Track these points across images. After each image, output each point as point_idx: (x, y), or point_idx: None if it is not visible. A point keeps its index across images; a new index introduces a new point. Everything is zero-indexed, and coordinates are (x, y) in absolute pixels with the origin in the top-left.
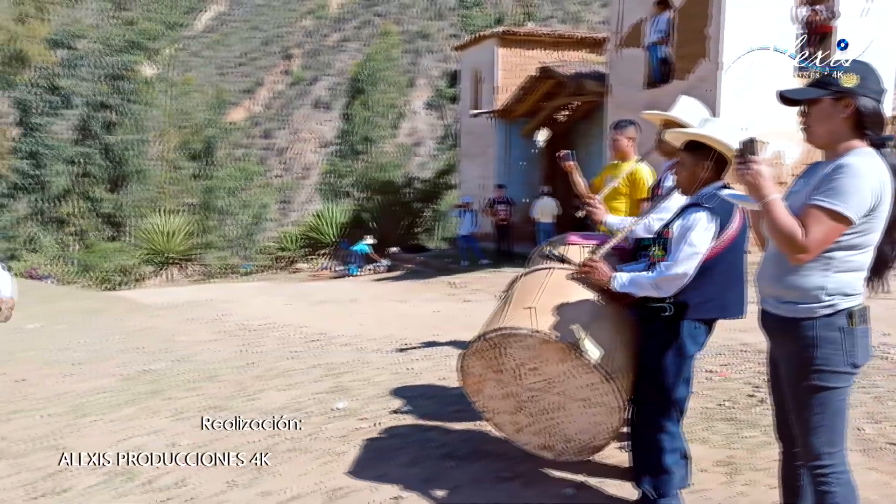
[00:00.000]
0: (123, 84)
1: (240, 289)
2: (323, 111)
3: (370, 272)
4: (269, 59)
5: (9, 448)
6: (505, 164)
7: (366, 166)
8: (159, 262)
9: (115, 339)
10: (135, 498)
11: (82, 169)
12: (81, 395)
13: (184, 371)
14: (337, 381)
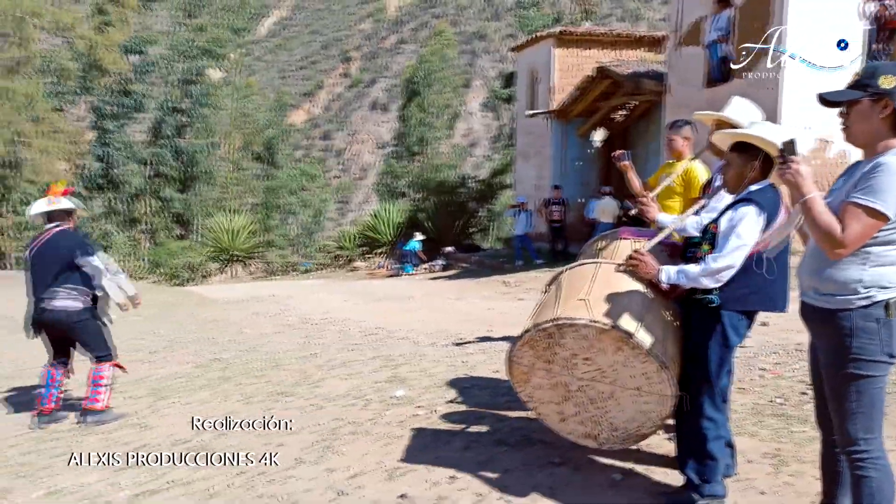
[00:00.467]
0: (194, 88)
1: (300, 286)
2: (380, 113)
3: (425, 271)
4: (329, 63)
5: (97, 427)
6: (561, 164)
7: (421, 167)
8: (224, 259)
9: (187, 330)
10: (212, 471)
11: (154, 170)
12: (160, 380)
13: (251, 360)
14: (394, 371)
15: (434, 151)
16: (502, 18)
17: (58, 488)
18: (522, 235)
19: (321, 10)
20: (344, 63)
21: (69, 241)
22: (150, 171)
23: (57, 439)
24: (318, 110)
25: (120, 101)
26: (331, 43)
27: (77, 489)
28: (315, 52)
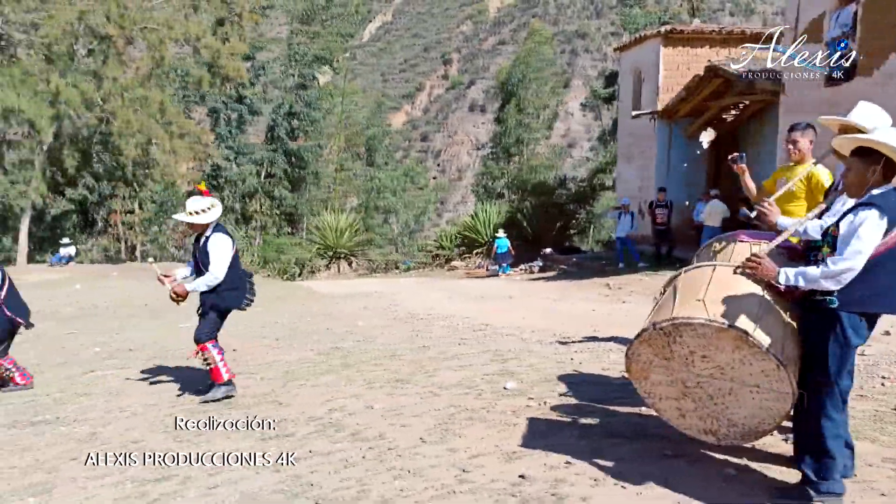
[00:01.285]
0: (305, 93)
1: (402, 283)
2: (478, 114)
3: (523, 272)
4: (429, 65)
5: (238, 402)
6: (666, 165)
7: (519, 168)
8: (330, 256)
9: (305, 320)
10: (346, 444)
11: (267, 170)
12: (288, 364)
13: (368, 350)
14: (504, 365)
15: (532, 152)
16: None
17: (217, 451)
18: (625, 238)
19: (423, 13)
20: (443, 65)
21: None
22: (264, 172)
23: (207, 410)
24: (417, 112)
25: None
26: (431, 46)
27: (230, 454)
28: (416, 54)
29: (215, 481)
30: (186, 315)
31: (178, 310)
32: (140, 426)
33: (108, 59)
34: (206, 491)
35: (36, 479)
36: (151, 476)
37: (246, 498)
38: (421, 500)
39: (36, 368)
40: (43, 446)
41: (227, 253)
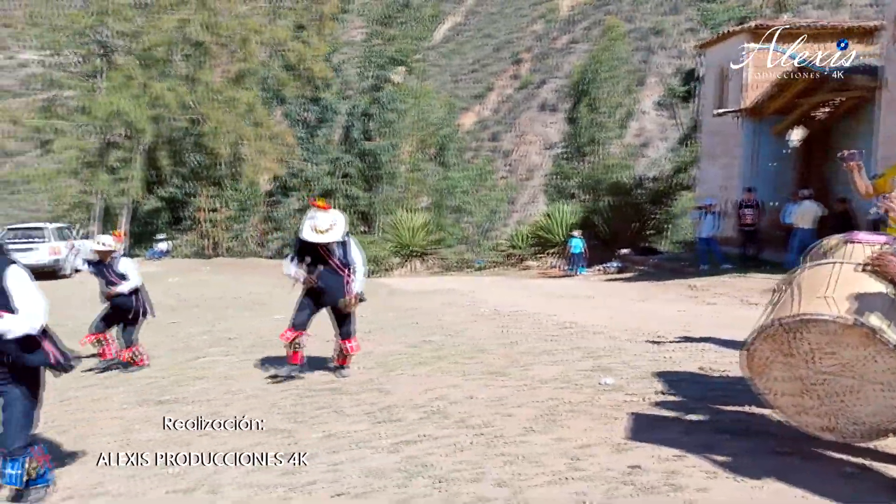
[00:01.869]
0: (380, 94)
1: (477, 281)
2: (549, 113)
3: (599, 272)
4: (500, 65)
5: (344, 388)
6: (752, 164)
7: (592, 167)
8: (405, 254)
9: (390, 315)
10: (454, 430)
11: (343, 171)
12: (382, 356)
13: (458, 344)
14: (597, 362)
15: (605, 151)
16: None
17: (332, 432)
18: (708, 238)
19: (494, 13)
20: (514, 65)
21: None
22: (339, 172)
23: (315, 395)
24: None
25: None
26: (502, 45)
27: (346, 434)
28: (487, 55)
29: (338, 459)
30: (282, 307)
31: (271, 302)
32: (258, 407)
33: (202, 64)
34: (329, 467)
35: (172, 451)
36: (278, 452)
37: (369, 474)
38: (536, 484)
39: (152, 353)
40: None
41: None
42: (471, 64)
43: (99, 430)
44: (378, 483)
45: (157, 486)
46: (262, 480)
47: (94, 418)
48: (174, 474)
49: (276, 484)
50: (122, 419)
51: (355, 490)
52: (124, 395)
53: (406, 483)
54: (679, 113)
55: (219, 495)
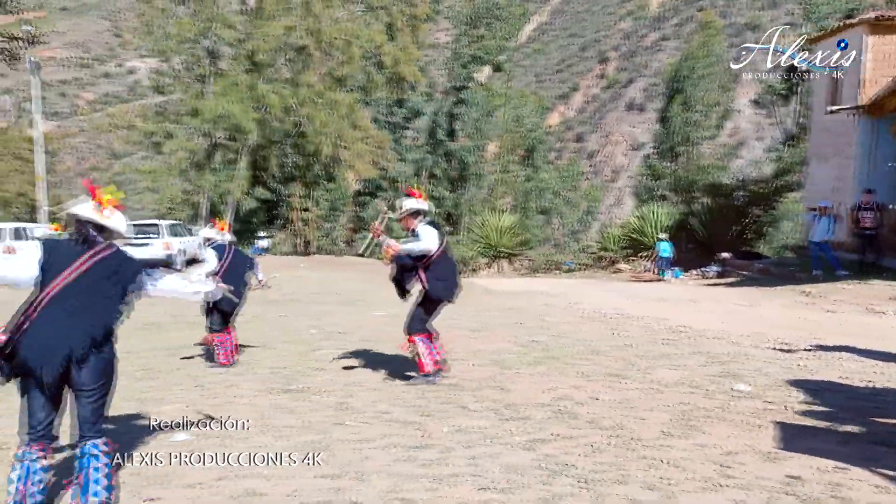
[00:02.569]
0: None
1: (568, 283)
2: (636, 113)
3: (697, 277)
4: (585, 64)
5: (463, 384)
6: (868, 165)
7: (685, 168)
8: (492, 255)
9: (491, 314)
10: (587, 431)
11: (429, 171)
12: (493, 353)
13: (568, 345)
14: (724, 367)
15: (698, 152)
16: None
17: (461, 427)
18: (820, 242)
19: (581, 12)
20: (601, 64)
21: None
22: (426, 172)
23: (436, 390)
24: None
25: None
26: (589, 45)
27: (476, 430)
28: (572, 54)
29: (473, 454)
30: (380, 304)
31: (371, 299)
32: (382, 399)
33: (304, 68)
34: (468, 461)
35: (310, 437)
36: (413, 444)
37: (509, 470)
38: (688, 490)
39: (267, 345)
40: (306, 411)
41: (434, 235)
42: (556, 64)
43: (238, 415)
44: (520, 479)
45: (303, 470)
46: (405, 470)
47: (231, 404)
48: (319, 459)
49: (420, 475)
50: (255, 406)
51: (498, 485)
52: (251, 383)
53: (549, 481)
54: (778, 111)
55: (366, 483)
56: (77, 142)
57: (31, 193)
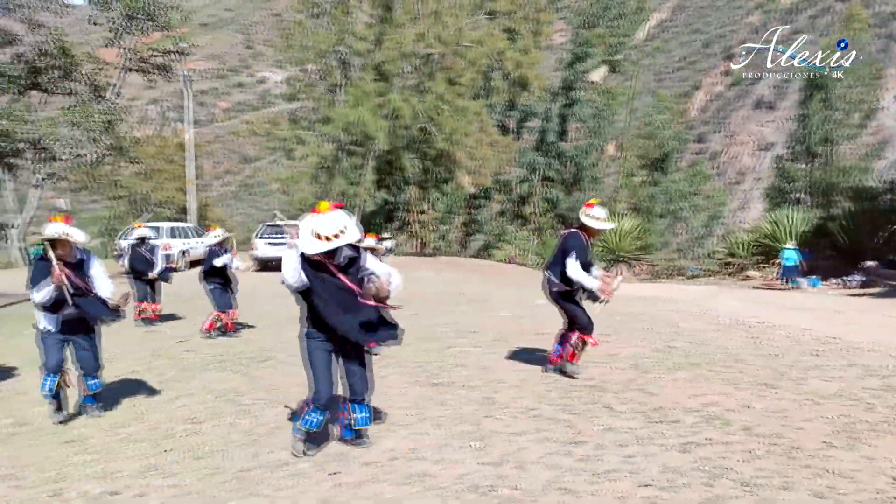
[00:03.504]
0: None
1: (693, 290)
2: (765, 111)
3: (838, 286)
4: (709, 61)
5: (604, 386)
6: None
7: (823, 170)
8: (611, 259)
9: (616, 319)
10: (742, 437)
11: (542, 174)
12: (629, 358)
13: (708, 352)
14: (885, 381)
15: (838, 153)
16: None
17: (610, 427)
18: None
19: (704, 7)
20: (725, 60)
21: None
22: (539, 175)
23: (579, 390)
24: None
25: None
26: (713, 40)
27: (626, 430)
28: (695, 51)
29: (628, 452)
30: (504, 305)
31: (495, 300)
32: (526, 396)
33: (432, 75)
34: (624, 459)
35: (465, 428)
36: (566, 439)
37: (667, 470)
38: (860, 500)
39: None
40: (456, 403)
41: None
42: (676, 62)
43: (393, 404)
44: (680, 480)
45: (466, 457)
46: (563, 463)
47: (384, 394)
48: (478, 448)
49: (577, 468)
50: (407, 396)
51: (658, 483)
52: (399, 375)
53: (710, 483)
54: None
55: (526, 472)
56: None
57: (181, 195)
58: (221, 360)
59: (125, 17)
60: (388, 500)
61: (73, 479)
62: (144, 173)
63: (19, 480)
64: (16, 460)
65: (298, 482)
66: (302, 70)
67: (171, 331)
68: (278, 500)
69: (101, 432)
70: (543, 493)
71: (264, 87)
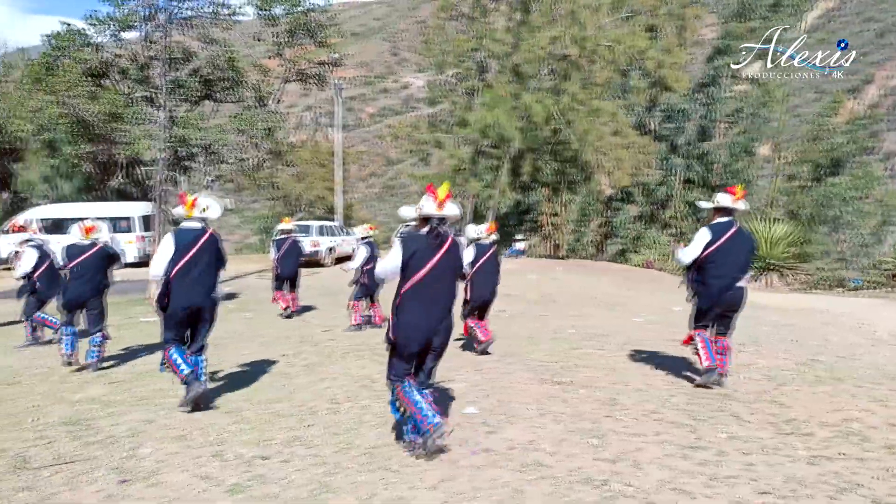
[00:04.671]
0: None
1: (854, 303)
2: None
3: None
4: (883, 52)
5: (734, 395)
6: None
7: None
8: (760, 267)
9: (761, 329)
10: (880, 455)
11: (682, 176)
12: (765, 369)
13: (857, 367)
14: None
15: None
16: None
17: (736, 435)
18: None
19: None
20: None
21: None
22: (679, 178)
23: (704, 397)
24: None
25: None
26: (889, 29)
27: (753, 439)
28: (865, 42)
29: (751, 461)
30: (640, 309)
31: (630, 304)
32: (650, 399)
33: (567, 76)
34: (745, 466)
35: (584, 425)
36: (687, 443)
37: (791, 481)
38: None
39: (532, 338)
40: (577, 402)
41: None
42: None
43: (516, 399)
44: (804, 491)
45: (583, 452)
46: (680, 466)
47: (510, 388)
48: (595, 445)
49: (694, 471)
50: (529, 392)
51: (779, 492)
52: (523, 372)
53: (836, 497)
54: None
55: (641, 470)
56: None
57: (329, 196)
58: (359, 349)
59: (287, 31)
60: (503, 484)
61: (231, 443)
62: (298, 176)
63: (189, 441)
64: (186, 425)
65: (422, 461)
66: (441, 74)
67: (316, 321)
68: (404, 474)
69: (254, 406)
70: (656, 492)
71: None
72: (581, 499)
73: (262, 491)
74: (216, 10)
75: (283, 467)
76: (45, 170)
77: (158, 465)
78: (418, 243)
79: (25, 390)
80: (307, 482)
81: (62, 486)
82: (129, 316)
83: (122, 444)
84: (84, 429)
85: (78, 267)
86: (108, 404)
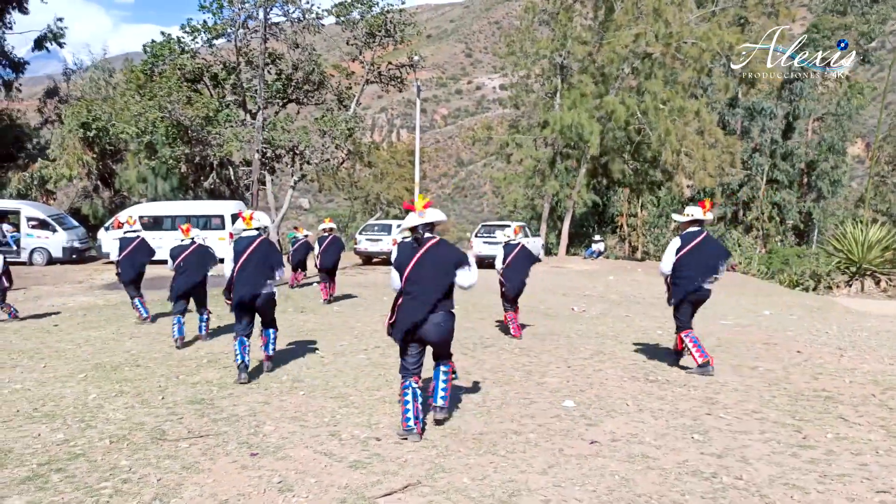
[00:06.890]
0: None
1: None
2: None
3: None
4: None
5: (837, 397)
6: None
7: None
8: (853, 272)
9: (858, 335)
10: None
11: (767, 175)
12: (869, 373)
13: None
14: None
15: None
16: None
17: (843, 436)
18: None
19: None
20: None
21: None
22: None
23: (809, 400)
24: None
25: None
26: None
27: (863, 441)
28: None
29: (863, 461)
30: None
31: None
32: (750, 400)
33: (651, 75)
34: (858, 466)
35: (684, 421)
36: (794, 442)
37: None
38: None
39: (618, 338)
40: (674, 399)
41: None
42: None
43: (611, 395)
44: None
45: (687, 446)
46: (789, 462)
47: (602, 385)
48: (699, 440)
49: (805, 468)
50: (624, 390)
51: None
52: (615, 370)
53: None
54: None
55: (750, 465)
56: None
57: (407, 196)
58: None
59: (366, 34)
60: (610, 472)
61: (344, 424)
62: (377, 176)
63: (304, 422)
64: (299, 407)
65: (527, 448)
66: (522, 75)
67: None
68: (511, 459)
69: (360, 392)
70: (769, 486)
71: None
72: (692, 489)
73: (381, 468)
74: (303, 15)
75: (396, 448)
76: (144, 170)
77: (282, 442)
78: (403, 249)
79: (148, 372)
80: (422, 462)
81: (201, 457)
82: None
83: (246, 422)
84: (208, 407)
85: (182, 263)
86: (224, 386)
